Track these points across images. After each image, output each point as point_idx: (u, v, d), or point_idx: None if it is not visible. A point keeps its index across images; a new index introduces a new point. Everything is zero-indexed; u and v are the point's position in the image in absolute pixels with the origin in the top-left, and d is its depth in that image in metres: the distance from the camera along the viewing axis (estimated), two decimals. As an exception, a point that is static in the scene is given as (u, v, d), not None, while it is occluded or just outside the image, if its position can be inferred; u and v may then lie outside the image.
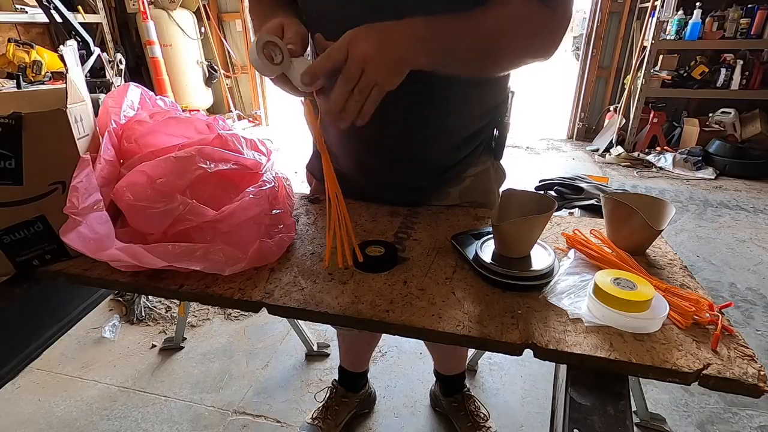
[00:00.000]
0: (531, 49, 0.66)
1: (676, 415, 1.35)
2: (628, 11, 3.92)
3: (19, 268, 0.66)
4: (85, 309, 0.88)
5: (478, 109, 0.80)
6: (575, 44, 5.54)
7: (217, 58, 4.62)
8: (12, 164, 0.60)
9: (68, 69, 0.64)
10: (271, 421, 1.35)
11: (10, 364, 0.73)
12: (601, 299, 0.53)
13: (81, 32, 1.11)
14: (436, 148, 0.80)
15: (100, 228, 0.62)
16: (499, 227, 0.63)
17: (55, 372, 1.56)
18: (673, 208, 0.68)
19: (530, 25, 0.63)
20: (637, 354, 0.48)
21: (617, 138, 3.91)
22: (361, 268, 0.66)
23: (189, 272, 0.62)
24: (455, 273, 0.65)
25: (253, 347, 1.67)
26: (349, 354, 1.31)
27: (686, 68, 3.62)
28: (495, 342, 0.52)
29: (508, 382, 1.50)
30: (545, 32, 0.65)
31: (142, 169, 0.64)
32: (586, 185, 1.25)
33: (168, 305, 1.89)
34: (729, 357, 0.48)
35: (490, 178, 0.90)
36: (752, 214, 2.79)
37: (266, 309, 0.60)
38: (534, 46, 0.66)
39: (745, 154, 3.44)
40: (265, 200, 0.69)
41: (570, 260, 0.65)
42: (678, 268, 0.66)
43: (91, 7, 4.12)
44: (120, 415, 1.39)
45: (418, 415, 1.38)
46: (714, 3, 3.49)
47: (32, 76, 3.20)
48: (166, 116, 0.75)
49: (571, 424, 0.44)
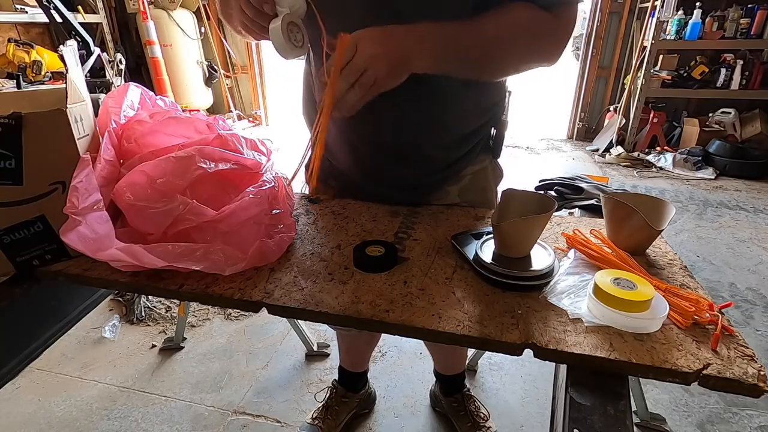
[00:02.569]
0: (534, 56, 0.67)
1: (676, 415, 1.35)
2: (628, 11, 3.92)
3: (19, 268, 0.66)
4: (85, 309, 0.88)
5: (476, 107, 0.80)
6: (575, 44, 5.54)
7: (217, 58, 4.62)
8: (12, 164, 0.60)
9: (68, 69, 0.64)
10: (271, 421, 1.35)
11: (10, 364, 0.73)
12: (601, 299, 0.53)
13: (81, 32, 1.11)
14: (434, 145, 0.81)
15: (100, 228, 0.62)
16: (499, 227, 0.63)
17: (55, 372, 1.56)
18: (673, 208, 0.68)
19: (534, 31, 0.64)
20: (637, 354, 0.48)
21: (617, 138, 3.91)
22: (361, 268, 0.66)
23: (189, 272, 0.62)
24: (455, 273, 0.65)
25: (253, 347, 1.67)
26: (348, 354, 1.31)
27: (686, 68, 3.62)
28: (495, 342, 0.52)
29: (508, 382, 1.50)
30: (548, 39, 0.66)
31: (142, 169, 0.64)
32: (586, 185, 1.25)
33: (168, 305, 1.89)
34: (729, 357, 0.48)
35: (488, 176, 0.90)
36: (752, 214, 2.79)
37: (266, 309, 0.60)
38: (537, 53, 0.67)
39: (745, 154, 3.44)
40: (265, 200, 0.69)
41: (570, 260, 0.65)
42: (678, 268, 0.66)
43: (91, 7, 4.11)
44: (120, 415, 1.39)
45: (418, 415, 1.38)
46: (714, 3, 3.49)
47: (32, 76, 3.20)
48: (166, 116, 0.75)
49: (571, 424, 0.44)
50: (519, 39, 0.64)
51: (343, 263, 0.68)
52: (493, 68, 0.67)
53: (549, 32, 0.65)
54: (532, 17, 0.63)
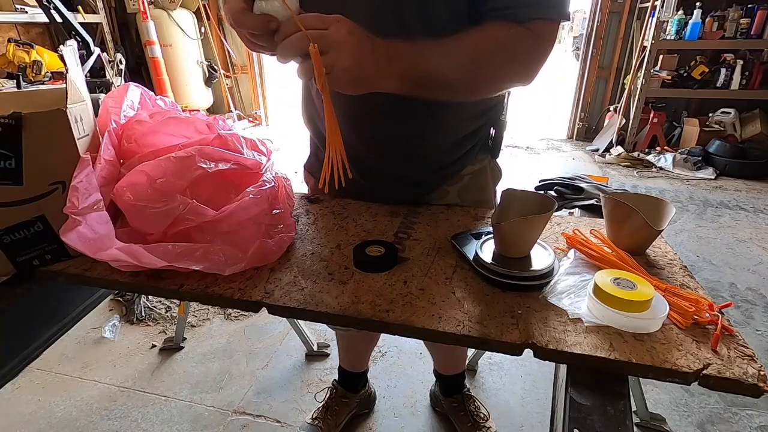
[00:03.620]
0: (512, 74, 0.65)
1: (676, 415, 1.35)
2: (628, 11, 3.92)
3: (19, 268, 0.66)
4: (85, 309, 0.88)
5: (475, 109, 0.80)
6: (575, 44, 5.55)
7: (217, 58, 4.62)
8: (12, 164, 0.60)
9: (68, 69, 0.64)
10: (271, 421, 1.35)
11: (10, 364, 0.73)
12: (601, 299, 0.53)
13: (81, 32, 1.10)
14: (434, 146, 0.81)
15: (100, 228, 0.62)
16: (499, 227, 0.63)
17: (55, 372, 1.56)
18: (673, 208, 0.68)
19: (513, 49, 0.62)
20: (637, 354, 0.48)
21: (617, 138, 3.91)
22: (361, 268, 0.66)
23: (189, 272, 0.62)
24: (455, 273, 0.65)
25: (253, 347, 1.67)
26: (348, 354, 1.31)
27: (686, 68, 3.62)
28: (495, 342, 0.52)
29: (508, 382, 1.50)
30: (525, 59, 0.64)
31: (142, 169, 0.64)
32: (586, 185, 1.25)
33: (168, 305, 1.89)
34: (729, 357, 0.48)
35: (487, 176, 0.90)
36: (752, 214, 2.79)
37: (266, 309, 0.60)
38: (515, 71, 0.65)
39: (745, 154, 3.44)
40: (265, 200, 0.69)
41: (570, 260, 0.65)
42: (678, 268, 0.66)
43: (91, 7, 4.11)
44: (120, 415, 1.39)
45: (418, 415, 1.38)
46: (714, 3, 3.49)
47: (32, 76, 3.20)
48: (166, 116, 0.75)
49: (571, 424, 0.44)
50: (494, 59, 0.61)
51: (343, 263, 0.68)
52: (466, 89, 0.65)
53: (526, 53, 0.63)
54: (509, 37, 0.61)
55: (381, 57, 0.54)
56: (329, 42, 0.51)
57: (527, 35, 0.62)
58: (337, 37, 0.51)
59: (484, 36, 0.60)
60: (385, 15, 0.65)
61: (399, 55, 0.56)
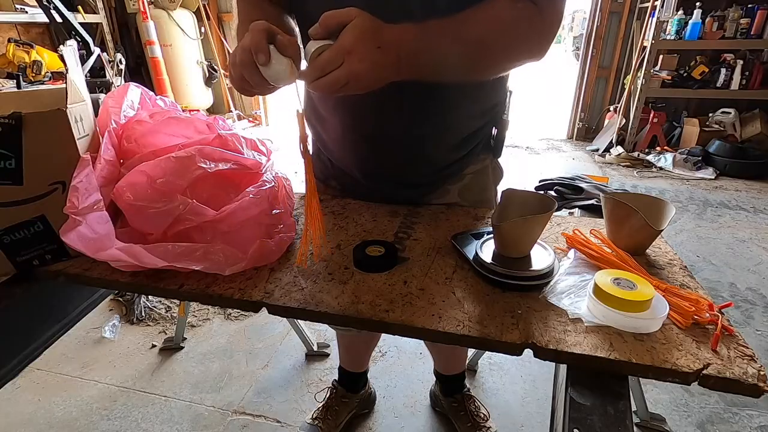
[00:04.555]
0: (521, 52, 0.65)
1: (676, 415, 1.35)
2: (628, 11, 3.92)
3: (19, 268, 0.66)
4: (85, 309, 0.88)
5: (476, 107, 0.80)
6: (575, 44, 5.55)
7: (217, 58, 4.62)
8: (12, 164, 0.60)
9: (68, 69, 0.64)
10: (271, 421, 1.35)
11: (10, 364, 0.73)
12: (601, 299, 0.53)
13: (81, 32, 1.10)
14: (436, 145, 0.81)
15: (100, 228, 0.62)
16: (499, 227, 0.63)
17: (55, 372, 1.56)
18: (673, 208, 0.68)
19: (519, 27, 0.62)
20: (637, 354, 0.48)
21: (617, 138, 3.91)
22: (361, 268, 0.66)
23: (189, 272, 0.62)
24: (455, 273, 0.65)
25: (253, 347, 1.67)
26: (348, 354, 1.31)
27: (686, 68, 3.62)
28: (495, 342, 0.52)
29: (508, 382, 1.50)
30: (534, 33, 0.64)
31: (142, 169, 0.64)
32: (586, 185, 1.25)
33: (168, 305, 1.89)
34: (729, 357, 0.48)
35: (489, 176, 0.90)
36: (752, 214, 2.79)
37: (266, 309, 0.60)
38: (524, 48, 0.65)
39: (745, 154, 3.44)
40: (265, 200, 0.69)
41: (570, 260, 0.65)
42: (678, 268, 0.66)
43: (91, 7, 4.11)
44: (120, 415, 1.39)
45: (418, 415, 1.38)
46: (714, 3, 3.49)
47: (32, 76, 3.20)
48: (166, 116, 0.75)
49: (571, 424, 0.44)
50: (504, 36, 0.61)
51: (343, 263, 0.68)
52: (479, 68, 0.65)
53: (534, 27, 0.63)
54: (517, 12, 0.61)
55: (391, 54, 0.54)
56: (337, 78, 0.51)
57: (534, 11, 0.61)
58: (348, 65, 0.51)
59: (490, 14, 0.60)
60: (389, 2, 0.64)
61: (408, 49, 0.55)
